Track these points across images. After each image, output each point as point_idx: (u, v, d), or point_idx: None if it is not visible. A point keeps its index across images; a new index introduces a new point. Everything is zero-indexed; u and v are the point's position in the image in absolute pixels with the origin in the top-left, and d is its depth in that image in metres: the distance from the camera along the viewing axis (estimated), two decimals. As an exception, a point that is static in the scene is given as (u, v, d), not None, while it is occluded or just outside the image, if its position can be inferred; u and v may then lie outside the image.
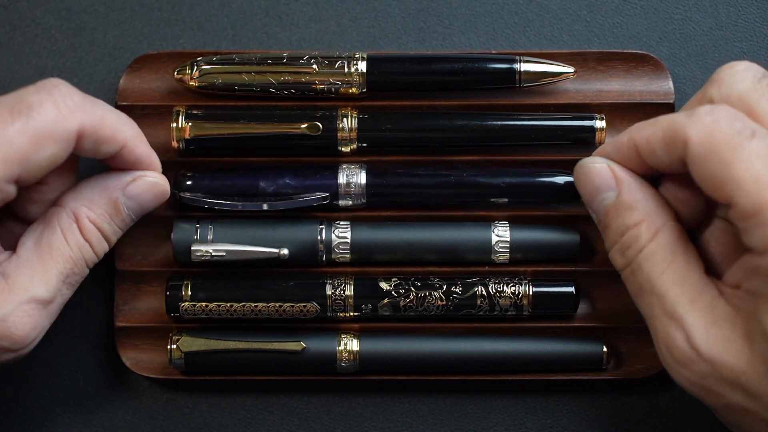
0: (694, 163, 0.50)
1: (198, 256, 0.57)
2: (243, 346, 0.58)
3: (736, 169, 0.48)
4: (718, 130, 0.49)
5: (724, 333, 0.50)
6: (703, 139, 0.49)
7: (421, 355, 0.59)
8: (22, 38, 0.62)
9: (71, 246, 0.54)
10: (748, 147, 0.48)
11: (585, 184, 0.55)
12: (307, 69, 0.59)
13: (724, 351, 0.49)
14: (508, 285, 0.59)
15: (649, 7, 0.62)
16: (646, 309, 0.52)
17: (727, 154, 0.48)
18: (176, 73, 0.59)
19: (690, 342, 0.50)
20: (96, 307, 0.60)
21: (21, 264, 0.53)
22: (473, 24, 0.62)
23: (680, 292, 0.51)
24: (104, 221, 0.55)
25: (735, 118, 0.49)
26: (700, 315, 0.50)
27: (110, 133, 0.53)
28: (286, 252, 0.58)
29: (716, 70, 0.53)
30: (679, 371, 0.51)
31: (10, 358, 0.53)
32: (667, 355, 0.51)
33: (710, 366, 0.50)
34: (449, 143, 0.59)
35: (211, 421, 0.61)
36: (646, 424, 0.60)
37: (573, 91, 0.60)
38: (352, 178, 0.58)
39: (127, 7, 0.62)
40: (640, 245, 0.52)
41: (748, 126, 0.49)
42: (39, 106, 0.51)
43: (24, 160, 0.50)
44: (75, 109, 0.51)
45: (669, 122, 0.51)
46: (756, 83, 0.51)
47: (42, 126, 0.51)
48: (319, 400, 0.61)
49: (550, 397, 0.61)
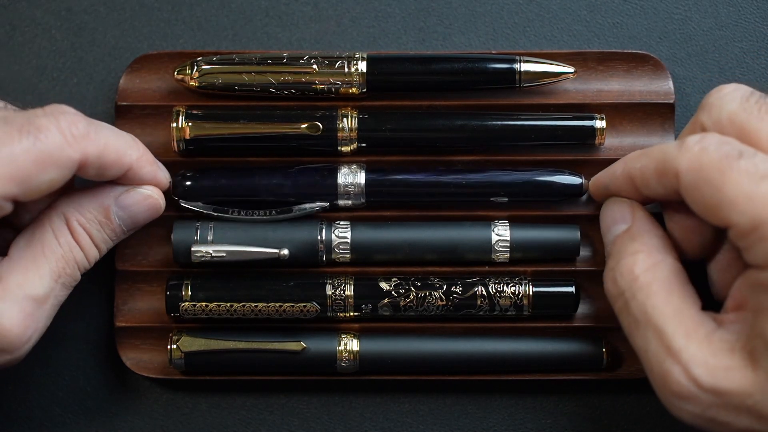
0: (688, 193, 0.50)
1: (198, 257, 0.57)
2: (243, 346, 0.58)
3: (727, 190, 0.49)
4: (707, 156, 0.50)
5: (724, 362, 0.49)
6: (693, 167, 0.50)
7: (421, 355, 0.59)
8: (22, 38, 0.62)
9: (62, 246, 0.54)
10: (737, 167, 0.49)
11: (606, 217, 0.56)
12: (307, 69, 0.59)
13: (726, 379, 0.49)
14: (508, 285, 0.59)
15: (649, 7, 0.62)
16: (641, 344, 0.51)
17: (717, 178, 0.49)
18: (176, 73, 0.59)
19: (689, 375, 0.49)
20: (96, 307, 0.60)
21: (14, 264, 0.53)
22: (473, 24, 0.62)
23: (677, 325, 0.50)
24: (93, 227, 0.55)
25: (722, 142, 0.50)
26: (697, 348, 0.50)
27: (114, 159, 0.54)
28: (286, 252, 0.58)
29: (706, 96, 0.53)
30: (678, 405, 0.50)
31: (5, 361, 0.53)
32: (664, 391, 0.50)
33: (713, 396, 0.49)
34: (449, 143, 0.59)
35: (211, 421, 0.61)
36: (646, 424, 0.61)
37: (573, 91, 0.60)
38: (352, 178, 0.58)
39: (127, 7, 0.62)
40: (634, 274, 0.52)
41: (735, 147, 0.49)
42: (46, 131, 0.51)
43: (24, 180, 0.51)
44: (80, 137, 0.52)
45: (660, 153, 0.52)
46: (744, 103, 0.51)
47: (46, 150, 0.51)
48: (319, 400, 0.61)
49: (550, 397, 0.61)
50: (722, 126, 0.51)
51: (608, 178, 0.56)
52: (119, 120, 0.60)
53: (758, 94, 0.52)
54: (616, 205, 0.56)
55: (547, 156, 0.59)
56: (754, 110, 0.51)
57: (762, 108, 0.51)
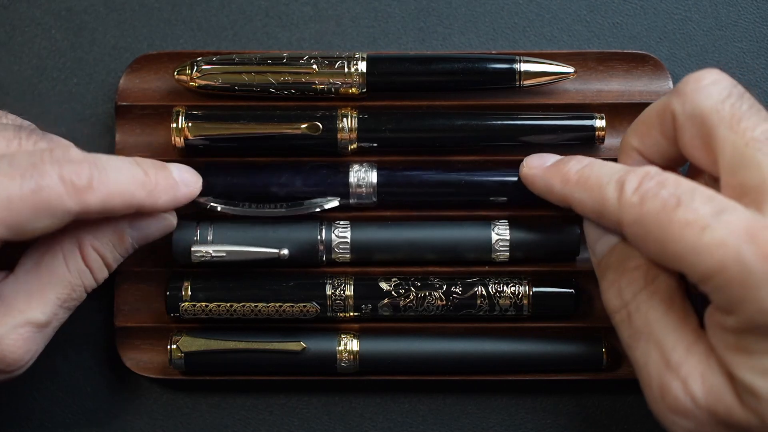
0: (636, 243, 0.50)
1: (198, 257, 0.57)
2: (243, 346, 0.58)
3: (671, 247, 0.47)
4: (646, 209, 0.48)
5: (719, 381, 0.48)
6: (636, 221, 0.49)
7: (421, 355, 0.59)
8: (22, 38, 0.62)
9: (71, 272, 0.53)
10: (677, 220, 0.47)
11: (591, 230, 0.55)
12: (307, 69, 0.59)
13: (719, 400, 0.48)
14: (508, 285, 0.59)
15: (649, 7, 0.62)
16: (641, 357, 0.51)
17: (659, 234, 0.48)
18: (176, 73, 0.59)
19: (687, 391, 0.49)
20: (96, 307, 0.60)
21: (19, 286, 0.53)
22: (473, 24, 0.62)
23: (677, 339, 0.50)
24: (107, 250, 0.54)
25: (661, 185, 0.48)
26: (696, 363, 0.49)
27: (120, 204, 0.52)
28: (286, 252, 0.58)
29: (682, 80, 0.52)
30: (675, 421, 0.49)
31: (2, 379, 0.53)
32: (661, 406, 0.50)
33: (708, 414, 0.48)
34: (449, 143, 0.59)
35: (211, 421, 0.61)
36: (646, 424, 0.60)
37: (573, 91, 0.60)
38: (364, 176, 0.58)
39: (127, 7, 0.62)
40: (639, 285, 0.51)
41: (673, 194, 0.48)
42: (48, 178, 0.50)
43: (16, 225, 0.50)
44: (82, 189, 0.50)
45: (599, 195, 0.51)
46: (720, 104, 0.50)
47: (45, 199, 0.50)
48: (319, 400, 0.61)
49: (550, 397, 0.61)
50: (692, 122, 0.50)
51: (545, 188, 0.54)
52: (119, 120, 0.60)
53: (737, 92, 0.50)
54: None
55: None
56: (726, 116, 0.49)
57: (734, 115, 0.49)
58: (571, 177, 0.53)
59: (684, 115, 0.51)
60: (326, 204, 0.58)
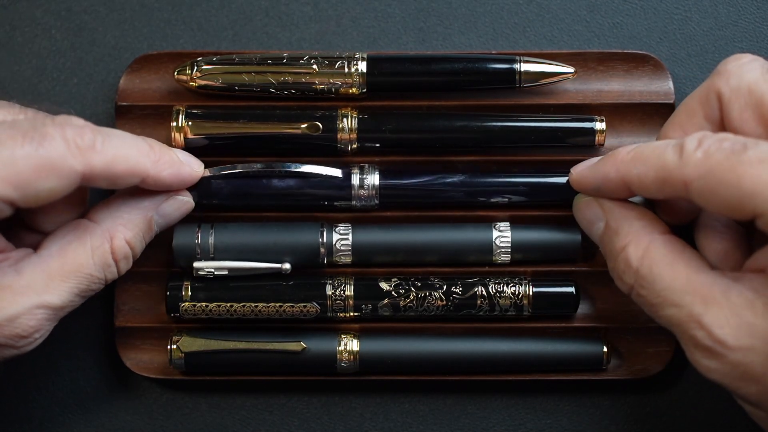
0: (704, 198, 0.50)
1: (201, 274, 0.58)
2: (243, 346, 0.58)
3: (746, 185, 0.48)
4: (713, 159, 0.49)
5: (746, 318, 0.49)
6: (703, 174, 0.49)
7: (421, 355, 0.59)
8: (22, 38, 0.62)
9: (96, 265, 0.54)
10: (747, 160, 0.48)
11: (581, 220, 0.56)
12: (307, 69, 0.59)
13: (750, 334, 0.49)
14: (508, 285, 0.59)
15: (649, 7, 0.62)
16: (667, 322, 0.51)
17: (732, 177, 0.48)
18: (176, 73, 0.59)
19: (714, 338, 0.49)
20: (96, 307, 0.60)
21: (40, 268, 0.53)
22: (473, 24, 0.62)
23: (691, 296, 0.50)
24: (138, 240, 0.55)
25: (721, 140, 0.49)
26: (716, 310, 0.50)
27: (124, 170, 0.53)
28: (288, 267, 0.58)
29: (722, 62, 0.53)
30: (712, 367, 0.50)
31: (11, 355, 0.53)
32: (698, 357, 0.50)
33: (742, 353, 0.49)
34: (449, 144, 0.59)
35: (211, 421, 0.61)
36: (646, 424, 0.61)
37: (573, 92, 0.60)
38: (366, 178, 0.58)
39: (127, 7, 0.62)
40: (632, 267, 0.52)
41: (737, 141, 0.49)
42: (51, 138, 0.51)
43: (23, 185, 0.50)
44: (85, 149, 0.51)
45: (659, 161, 0.51)
46: (765, 74, 0.52)
47: (48, 157, 0.50)
48: (319, 400, 0.61)
49: (550, 397, 0.61)
50: (740, 95, 0.52)
51: (599, 180, 0.55)
52: (119, 120, 0.60)
53: None
54: (584, 206, 0.56)
55: (547, 156, 0.59)
56: None
57: None
58: (624, 158, 0.53)
59: (731, 91, 0.52)
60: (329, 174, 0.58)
